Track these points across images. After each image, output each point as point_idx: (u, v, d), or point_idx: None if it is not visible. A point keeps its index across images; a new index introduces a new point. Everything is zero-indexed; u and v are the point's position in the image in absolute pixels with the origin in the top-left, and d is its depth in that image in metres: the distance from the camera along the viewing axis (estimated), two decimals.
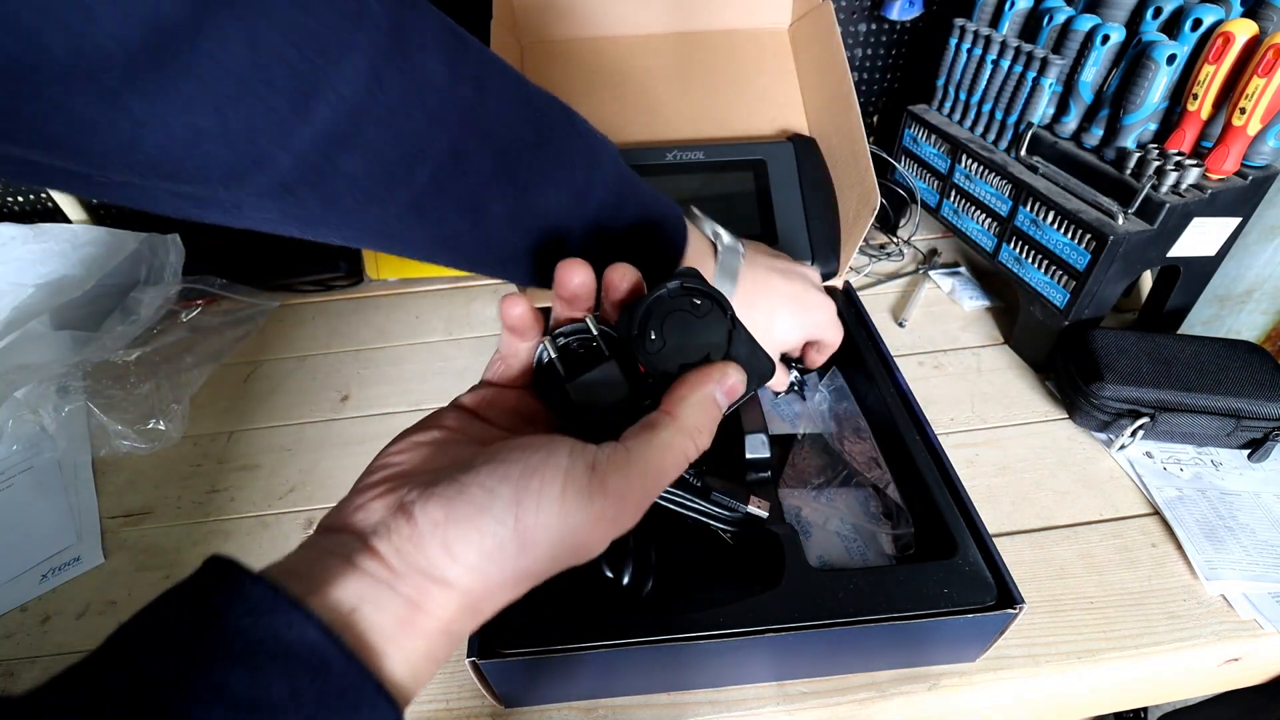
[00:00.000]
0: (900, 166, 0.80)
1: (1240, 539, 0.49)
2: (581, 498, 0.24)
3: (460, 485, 0.24)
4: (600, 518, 0.24)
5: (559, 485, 0.24)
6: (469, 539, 0.23)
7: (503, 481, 0.24)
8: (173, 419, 0.63)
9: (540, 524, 0.23)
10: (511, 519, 0.23)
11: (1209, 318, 0.66)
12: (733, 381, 0.29)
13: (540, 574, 0.24)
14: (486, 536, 0.23)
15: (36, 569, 0.53)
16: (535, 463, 0.24)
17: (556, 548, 0.24)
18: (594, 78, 0.70)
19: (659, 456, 0.26)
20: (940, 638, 0.41)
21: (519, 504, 0.23)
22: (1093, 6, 0.61)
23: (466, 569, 0.23)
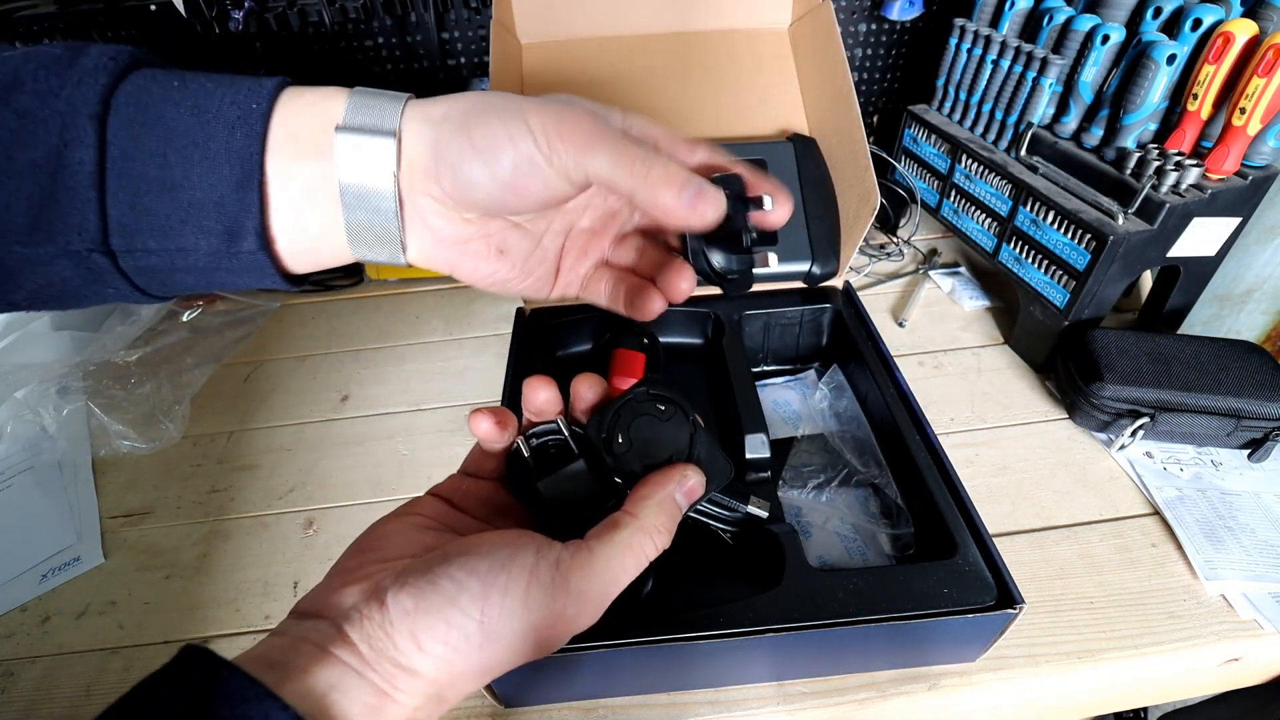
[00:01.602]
0: (900, 166, 0.80)
1: (1240, 539, 0.49)
2: (545, 595, 0.25)
3: (431, 576, 0.25)
4: (561, 615, 0.26)
5: (524, 582, 0.25)
6: (435, 630, 0.24)
7: (471, 575, 0.25)
8: (173, 419, 0.63)
9: (504, 619, 0.24)
10: (477, 612, 0.24)
11: (1209, 318, 0.66)
12: (692, 483, 0.31)
13: (502, 666, 0.25)
14: (453, 629, 0.24)
15: (36, 569, 0.53)
16: (503, 559, 0.25)
17: (519, 641, 0.25)
18: (594, 78, 0.70)
19: (620, 556, 0.27)
20: (940, 638, 0.41)
21: (485, 599, 0.24)
22: (1093, 6, 0.61)
23: (432, 659, 0.24)
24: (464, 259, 0.30)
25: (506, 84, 0.65)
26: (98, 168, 0.25)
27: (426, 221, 0.29)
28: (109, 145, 0.25)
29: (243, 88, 0.27)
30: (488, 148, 0.26)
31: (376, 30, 0.81)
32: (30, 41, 0.78)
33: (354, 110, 0.27)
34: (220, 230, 0.26)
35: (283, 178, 0.27)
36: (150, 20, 0.77)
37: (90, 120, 0.25)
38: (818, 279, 0.61)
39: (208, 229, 0.26)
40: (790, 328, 0.62)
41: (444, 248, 0.29)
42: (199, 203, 0.26)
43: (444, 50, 0.83)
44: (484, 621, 0.24)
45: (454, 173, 0.27)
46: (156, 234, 0.26)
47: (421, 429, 0.63)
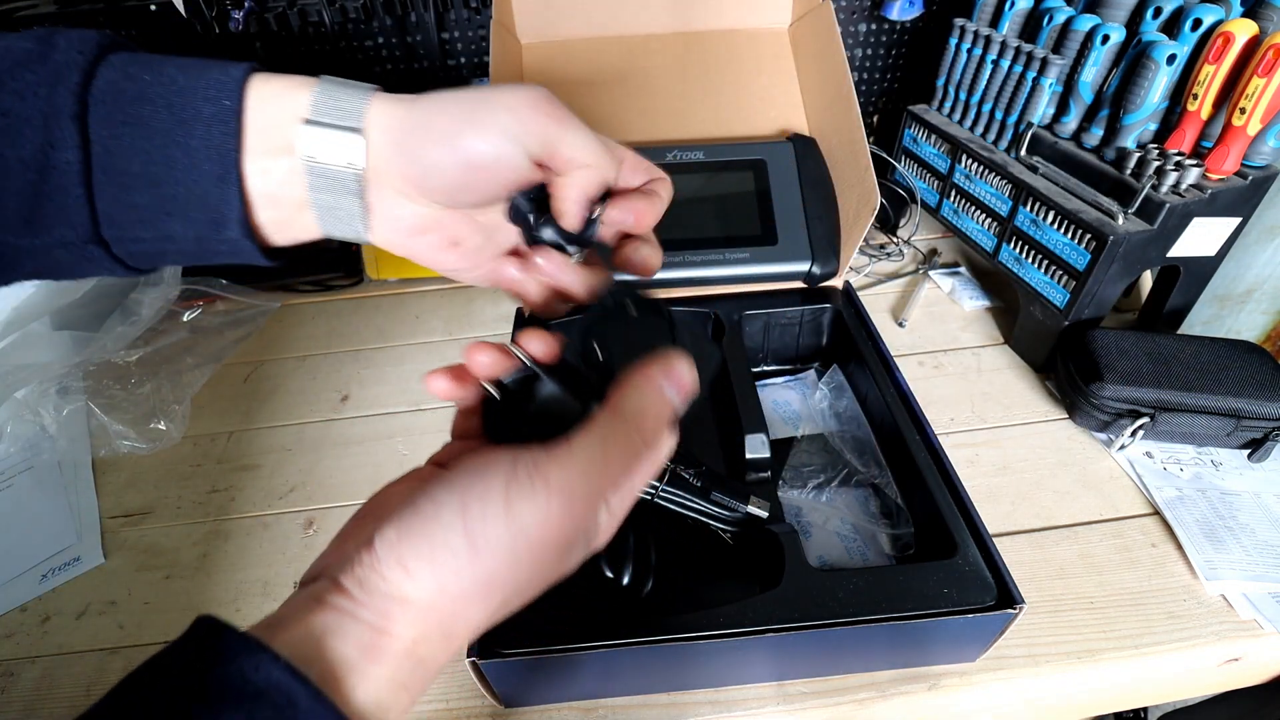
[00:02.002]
0: (900, 166, 0.80)
1: (1240, 539, 0.49)
2: (525, 494, 0.24)
3: (412, 504, 0.24)
4: (548, 516, 0.24)
5: (501, 485, 0.24)
6: (420, 550, 0.23)
7: (449, 491, 0.24)
8: (173, 419, 0.63)
9: (489, 526, 0.23)
10: (460, 523, 0.23)
11: (1209, 318, 0.66)
12: (677, 368, 0.28)
13: (504, 583, 0.24)
14: (437, 545, 0.23)
15: (36, 569, 0.53)
16: (478, 468, 0.24)
17: (512, 552, 0.24)
18: (594, 78, 0.70)
19: (602, 448, 0.25)
20: (940, 638, 0.41)
21: (464, 508, 0.23)
22: (1093, 6, 0.61)
23: (423, 582, 0.23)
24: (421, 248, 0.32)
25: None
26: (83, 166, 0.26)
27: (388, 210, 0.30)
28: (92, 144, 0.27)
29: (212, 80, 0.28)
30: (448, 130, 0.28)
31: (376, 30, 0.81)
32: None
33: (319, 105, 0.28)
34: (205, 220, 0.28)
35: (259, 171, 0.28)
36: (150, 20, 0.77)
37: (71, 121, 0.26)
38: (818, 279, 0.61)
39: (193, 219, 0.28)
40: (790, 328, 0.62)
41: (403, 235, 0.31)
42: (182, 197, 0.28)
43: (444, 50, 0.83)
44: (468, 531, 0.23)
45: (415, 161, 0.29)
46: (144, 225, 0.28)
47: (421, 429, 0.63)
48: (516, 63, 0.69)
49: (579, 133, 0.29)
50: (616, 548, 0.43)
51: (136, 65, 0.27)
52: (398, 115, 0.29)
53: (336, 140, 0.28)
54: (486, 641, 0.37)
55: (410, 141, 0.28)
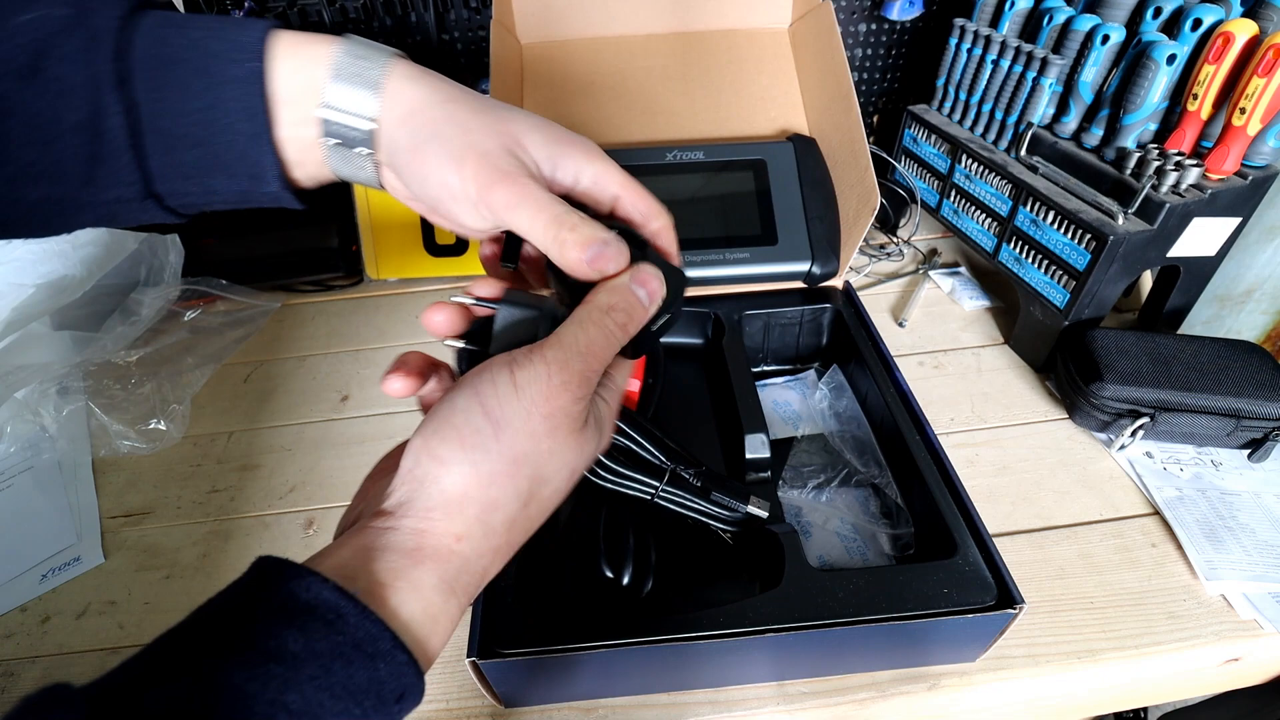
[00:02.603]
0: (900, 166, 0.80)
1: (1240, 539, 0.49)
2: (527, 371, 0.26)
3: (426, 417, 0.27)
4: (552, 387, 0.26)
5: (505, 368, 0.26)
6: (448, 438, 0.25)
7: (458, 388, 0.27)
8: (173, 419, 0.63)
9: (503, 403, 0.26)
10: (477, 405, 0.26)
11: (1209, 318, 0.66)
12: (645, 274, 0.30)
13: (528, 458, 0.26)
14: (461, 427, 0.25)
15: (36, 569, 0.53)
16: (479, 369, 0.27)
17: (528, 423, 0.26)
18: (594, 78, 0.70)
19: (584, 331, 0.28)
20: (940, 638, 0.41)
21: (478, 392, 0.26)
22: (1093, 6, 0.61)
23: (458, 465, 0.25)
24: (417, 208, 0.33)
25: (506, 84, 0.65)
26: (131, 131, 0.29)
27: (388, 182, 0.33)
28: (138, 108, 0.29)
29: (236, 43, 0.29)
30: (425, 175, 0.30)
31: (377, 30, 0.81)
32: None
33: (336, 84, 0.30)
34: (246, 175, 0.31)
35: (288, 133, 0.31)
36: None
37: (116, 89, 0.28)
38: (818, 279, 0.61)
39: (236, 175, 0.31)
40: (790, 328, 0.62)
41: (402, 198, 0.33)
42: (224, 155, 0.30)
43: (444, 50, 0.83)
44: (486, 411, 0.25)
45: (400, 174, 0.31)
46: (191, 180, 0.30)
47: None
48: (516, 63, 0.69)
49: (526, 211, 0.30)
50: (616, 548, 0.43)
51: (167, 28, 0.29)
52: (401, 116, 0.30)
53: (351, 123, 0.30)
54: (486, 641, 0.37)
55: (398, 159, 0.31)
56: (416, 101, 0.30)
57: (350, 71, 0.30)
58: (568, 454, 0.28)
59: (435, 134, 0.30)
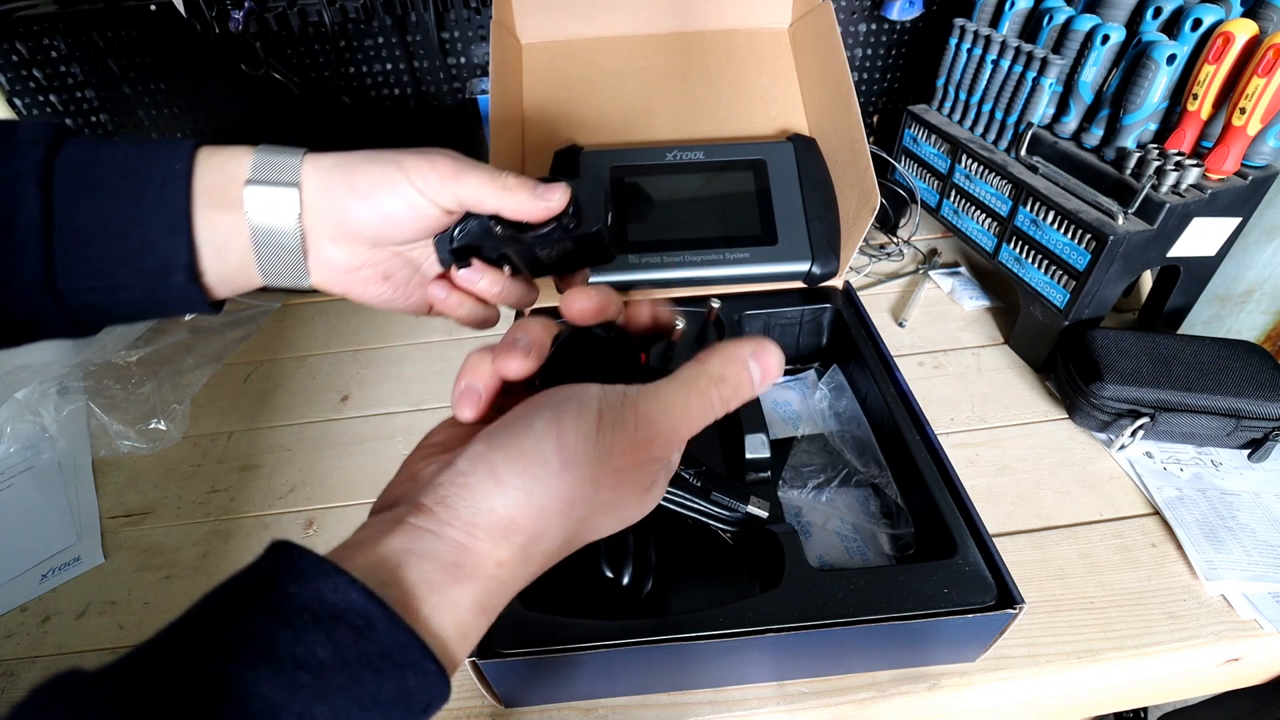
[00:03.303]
0: (900, 166, 0.80)
1: (1240, 539, 0.49)
2: (615, 417, 0.25)
3: (500, 423, 0.25)
4: (633, 439, 0.25)
5: (595, 406, 0.25)
6: (512, 459, 0.24)
7: (542, 409, 0.25)
8: (173, 419, 0.63)
9: (580, 440, 0.24)
10: (553, 434, 0.24)
11: (1209, 318, 0.66)
12: (769, 355, 0.29)
13: (585, 501, 0.25)
14: (530, 455, 0.24)
15: (36, 569, 0.53)
16: (569, 394, 0.26)
17: (596, 470, 0.25)
18: (594, 78, 0.70)
19: (685, 394, 0.27)
20: (940, 638, 0.41)
21: (559, 422, 0.24)
22: (1093, 6, 0.61)
23: (512, 492, 0.24)
24: (355, 284, 0.36)
25: (506, 84, 0.65)
26: (44, 225, 0.30)
27: (323, 254, 0.34)
28: (54, 205, 0.30)
29: (164, 151, 0.32)
30: (368, 189, 0.33)
31: (376, 30, 0.81)
32: (31, 41, 0.78)
33: (259, 167, 0.32)
34: (154, 268, 0.31)
35: (206, 225, 0.32)
36: (150, 20, 0.77)
37: (36, 185, 0.30)
38: (818, 279, 0.61)
39: (143, 268, 0.31)
40: (790, 328, 0.62)
41: (339, 275, 0.35)
42: (136, 247, 0.31)
43: (444, 50, 0.83)
44: (560, 444, 0.24)
45: (342, 212, 0.33)
46: (98, 275, 0.31)
47: (422, 429, 0.62)
48: (516, 63, 0.69)
49: (470, 178, 0.33)
50: (616, 548, 0.43)
51: (93, 143, 0.31)
52: (326, 172, 0.33)
53: (274, 195, 0.32)
54: (487, 641, 0.37)
55: (336, 196, 0.33)
56: (336, 157, 0.34)
57: (271, 155, 0.33)
58: (624, 509, 0.27)
59: (366, 158, 0.33)
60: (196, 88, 0.84)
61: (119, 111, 0.84)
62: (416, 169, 0.33)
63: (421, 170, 0.33)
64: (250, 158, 0.33)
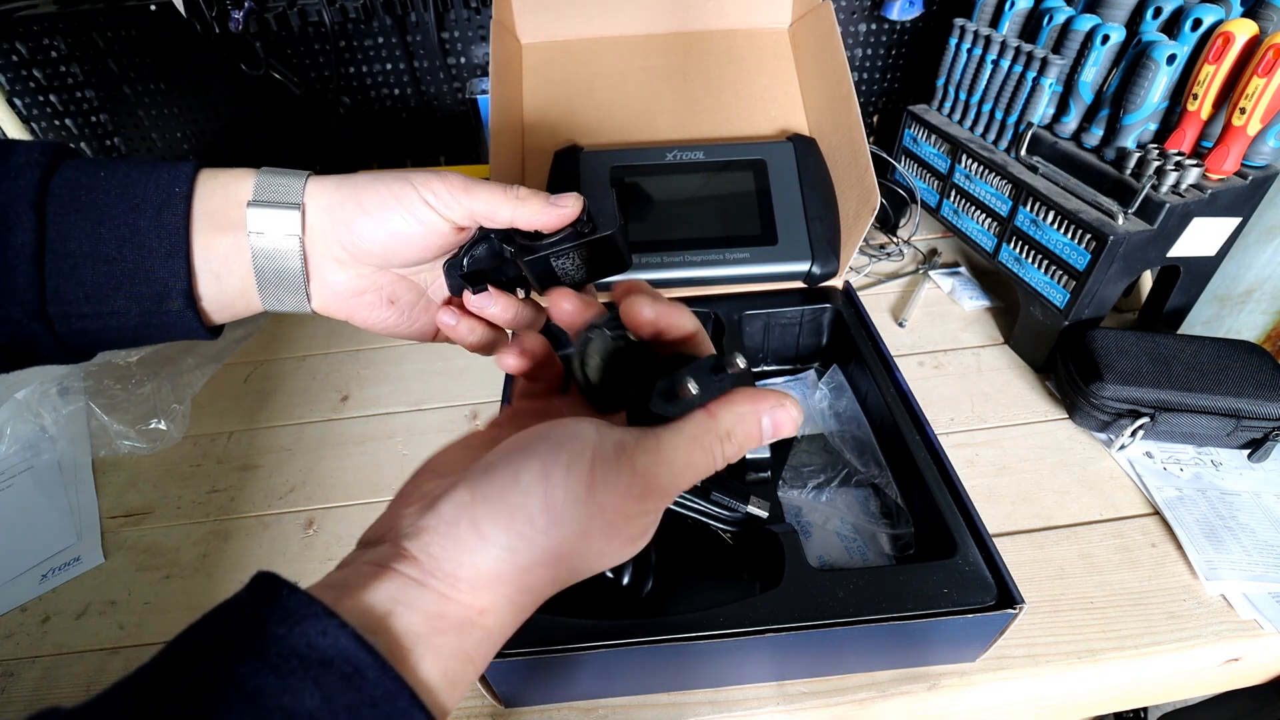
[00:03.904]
0: (900, 166, 0.80)
1: (1240, 539, 0.49)
2: (609, 472, 0.24)
3: (486, 465, 0.24)
4: (628, 495, 0.24)
5: (588, 459, 0.24)
6: (497, 515, 0.23)
7: (530, 457, 0.24)
8: (173, 419, 0.63)
9: (569, 497, 0.23)
10: (540, 491, 0.23)
11: (1209, 318, 0.66)
12: (785, 411, 0.27)
13: (573, 555, 0.24)
14: (515, 510, 0.23)
15: (36, 569, 0.53)
16: (562, 438, 0.24)
17: (586, 525, 0.24)
18: (594, 78, 0.70)
19: (688, 448, 0.25)
20: (940, 638, 0.41)
21: (547, 477, 0.23)
22: (1093, 6, 0.61)
23: (497, 549, 0.23)
24: (359, 309, 0.35)
25: (506, 84, 0.65)
26: (37, 248, 0.29)
27: (326, 277, 0.34)
28: (48, 228, 0.29)
29: (163, 173, 0.31)
30: (376, 206, 0.32)
31: (376, 30, 0.81)
32: (31, 41, 0.78)
33: (261, 189, 0.32)
34: (150, 293, 0.31)
35: (205, 248, 0.31)
36: (150, 20, 0.77)
37: (30, 208, 0.29)
38: (818, 279, 0.61)
39: (138, 294, 0.30)
40: (790, 328, 0.62)
41: (342, 299, 0.35)
42: (130, 272, 0.30)
43: (444, 50, 0.83)
44: (548, 501, 0.23)
45: (348, 230, 0.33)
46: (91, 301, 0.30)
47: (421, 429, 0.63)
48: (516, 63, 0.69)
49: (482, 191, 0.33)
50: None
51: (92, 165, 0.31)
52: (330, 192, 0.33)
53: (278, 216, 0.32)
54: None
55: (343, 215, 0.33)
56: (341, 178, 0.33)
57: (274, 176, 0.32)
58: (613, 555, 0.25)
59: (373, 177, 0.33)
60: (196, 88, 0.84)
61: (119, 111, 0.84)
62: (427, 184, 0.32)
63: (432, 185, 0.32)
64: (252, 180, 0.32)
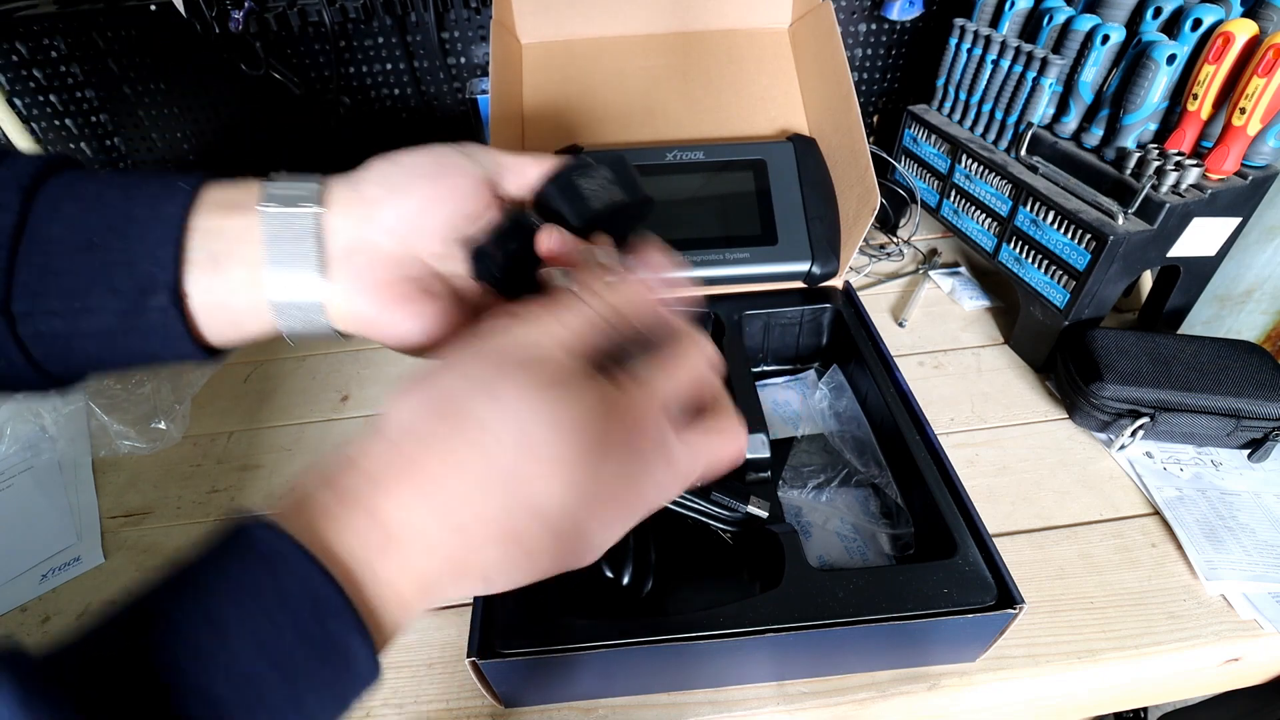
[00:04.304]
0: (900, 166, 0.80)
1: (1240, 539, 0.49)
2: None
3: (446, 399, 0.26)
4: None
5: None
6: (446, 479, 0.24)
7: None
8: (174, 419, 0.63)
9: None
10: None
11: (1209, 318, 0.66)
12: None
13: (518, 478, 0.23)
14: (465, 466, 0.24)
15: (36, 569, 0.53)
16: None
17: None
18: (594, 78, 0.70)
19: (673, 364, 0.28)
20: (940, 638, 0.41)
21: None
22: (1093, 6, 0.61)
23: None
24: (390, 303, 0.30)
25: (506, 84, 0.65)
26: (15, 231, 0.26)
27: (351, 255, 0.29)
28: (31, 213, 0.26)
29: (169, 176, 0.28)
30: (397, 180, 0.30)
31: (376, 30, 0.81)
32: (31, 41, 0.78)
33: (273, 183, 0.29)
34: (131, 288, 0.26)
35: (206, 231, 0.27)
36: (150, 20, 0.77)
37: (17, 191, 0.26)
38: (818, 279, 0.61)
39: (118, 288, 0.26)
40: (790, 328, 0.62)
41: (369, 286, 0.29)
42: (113, 262, 0.26)
43: (444, 50, 0.83)
44: None
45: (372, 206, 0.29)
46: (64, 294, 0.26)
47: None
48: (516, 63, 0.69)
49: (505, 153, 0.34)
50: (616, 548, 0.43)
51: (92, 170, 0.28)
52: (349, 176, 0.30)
53: (294, 189, 0.29)
54: (486, 641, 0.37)
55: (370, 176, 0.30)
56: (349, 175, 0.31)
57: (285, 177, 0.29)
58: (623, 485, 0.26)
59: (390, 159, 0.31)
60: (196, 88, 0.84)
61: (119, 111, 0.84)
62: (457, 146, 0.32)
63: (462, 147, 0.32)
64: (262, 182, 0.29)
